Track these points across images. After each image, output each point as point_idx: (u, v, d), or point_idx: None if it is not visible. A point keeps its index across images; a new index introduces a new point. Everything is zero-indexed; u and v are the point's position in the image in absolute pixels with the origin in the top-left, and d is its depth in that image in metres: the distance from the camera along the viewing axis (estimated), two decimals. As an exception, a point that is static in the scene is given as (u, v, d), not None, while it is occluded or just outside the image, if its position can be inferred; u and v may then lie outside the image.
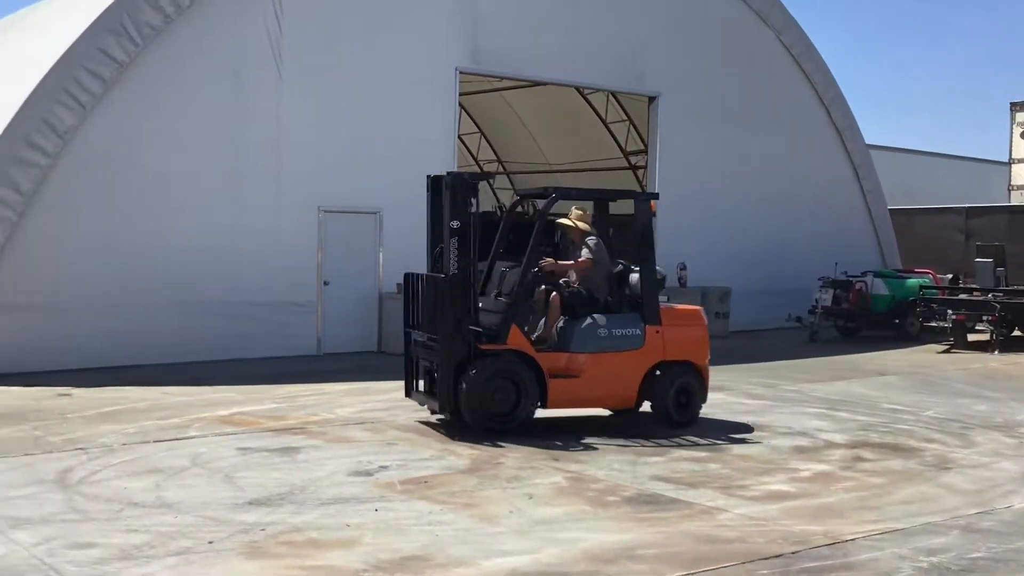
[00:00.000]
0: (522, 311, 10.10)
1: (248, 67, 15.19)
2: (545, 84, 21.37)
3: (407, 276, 10.58)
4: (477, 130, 28.93)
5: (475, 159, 29.78)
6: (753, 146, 21.43)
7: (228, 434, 9.65)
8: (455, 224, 9.57)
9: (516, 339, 9.79)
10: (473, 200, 9.68)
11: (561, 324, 10.17)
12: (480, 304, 9.95)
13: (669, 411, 10.25)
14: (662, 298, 10.77)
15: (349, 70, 16.08)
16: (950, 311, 18.56)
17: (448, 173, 10.10)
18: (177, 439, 9.38)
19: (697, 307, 11.72)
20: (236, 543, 6.32)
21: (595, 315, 10.17)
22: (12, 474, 7.95)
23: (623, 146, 25.96)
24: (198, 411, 10.81)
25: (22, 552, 6.03)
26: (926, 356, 17.60)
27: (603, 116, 25.59)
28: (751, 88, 21.34)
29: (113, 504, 7.14)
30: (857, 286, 19.75)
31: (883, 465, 8.90)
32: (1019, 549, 6.54)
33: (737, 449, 9.45)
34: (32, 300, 13.45)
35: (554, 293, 10.25)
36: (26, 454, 8.64)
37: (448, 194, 9.69)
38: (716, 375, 14.47)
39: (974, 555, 6.38)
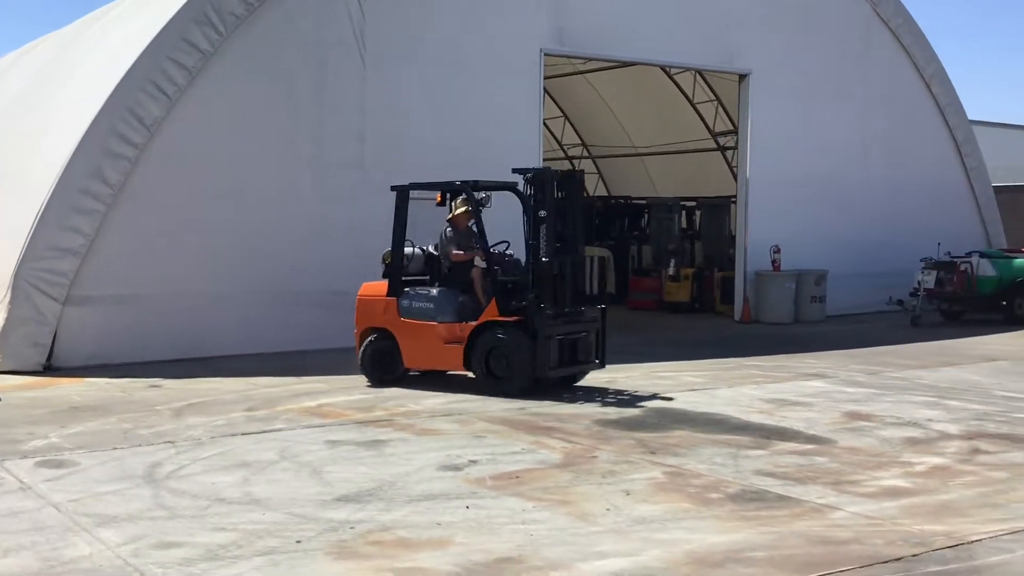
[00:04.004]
0: None
1: (331, 54, 15.04)
2: (632, 64, 20.84)
3: None
4: (561, 114, 28.54)
5: (559, 143, 29.41)
6: (849, 125, 20.64)
7: (316, 426, 9.49)
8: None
9: None
10: None
11: None
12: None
13: None
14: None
15: (432, 55, 15.83)
16: (1063, 292, 17.63)
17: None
18: (265, 431, 9.24)
19: None
20: (324, 542, 6.10)
21: None
22: (101, 469, 7.88)
23: (711, 127, 25.33)
24: (286, 402, 10.69)
25: (107, 552, 5.89)
26: (1038, 340, 16.76)
27: (690, 96, 24.98)
28: (847, 64, 20.52)
29: (200, 500, 6.99)
30: (962, 267, 18.89)
31: (1004, 458, 8.34)
32: None
33: (844, 441, 8.96)
34: (121, 292, 13.51)
35: None
36: (115, 448, 8.57)
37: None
38: (814, 361, 14.06)
39: (1117, 560, 5.85)
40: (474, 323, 11.22)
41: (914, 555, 5.91)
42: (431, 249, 12.10)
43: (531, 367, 10.90)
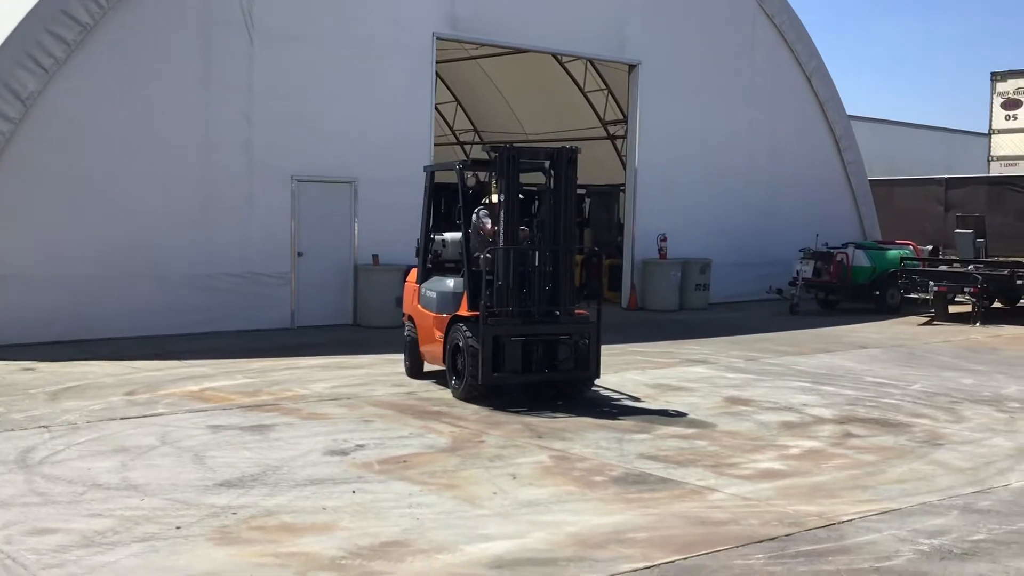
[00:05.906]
0: None
1: (218, 31, 14.70)
2: (524, 51, 20.92)
3: None
4: (453, 98, 28.47)
5: (451, 128, 29.34)
6: (734, 116, 21.13)
7: (198, 411, 9.32)
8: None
9: None
10: None
11: None
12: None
13: None
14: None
15: (323, 36, 15.61)
16: (932, 283, 18.39)
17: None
18: (145, 416, 9.03)
19: None
20: (205, 528, 6.01)
21: None
22: (-30, 454, 7.60)
23: (601, 116, 25.59)
24: (168, 386, 10.47)
25: (-23, 540, 5.70)
26: (907, 328, 17.45)
27: (581, 85, 25.18)
28: (733, 58, 21.00)
29: (76, 486, 6.80)
30: (838, 258, 19.56)
31: (874, 442, 8.69)
32: (1021, 530, 6.32)
33: (724, 425, 9.21)
34: (-5, 271, 13.02)
35: None
36: (-14, 433, 8.28)
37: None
38: (697, 347, 14.39)
39: (975, 537, 6.15)
40: (447, 316, 10.18)
41: (788, 535, 6.12)
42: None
43: (479, 371, 9.56)
